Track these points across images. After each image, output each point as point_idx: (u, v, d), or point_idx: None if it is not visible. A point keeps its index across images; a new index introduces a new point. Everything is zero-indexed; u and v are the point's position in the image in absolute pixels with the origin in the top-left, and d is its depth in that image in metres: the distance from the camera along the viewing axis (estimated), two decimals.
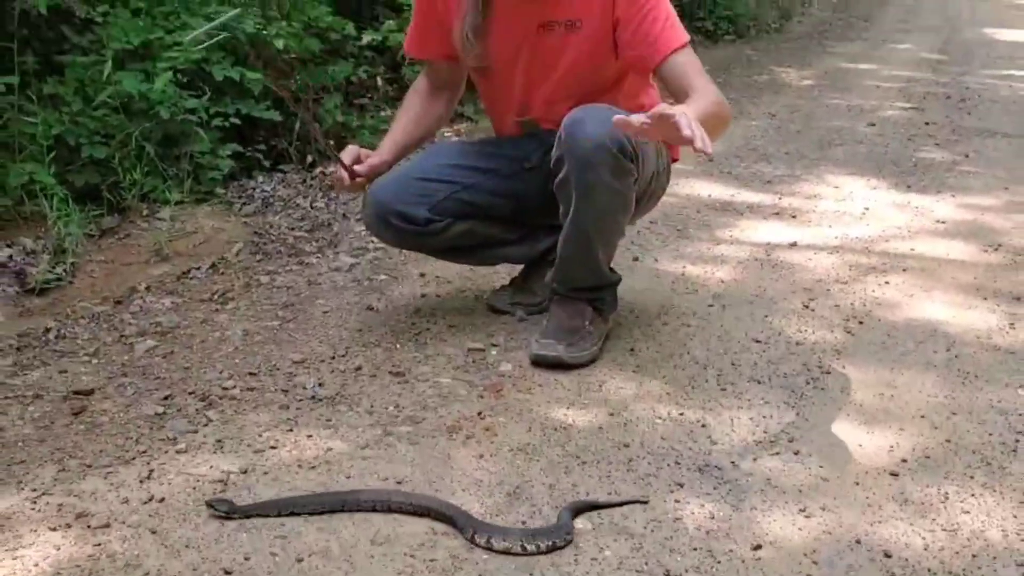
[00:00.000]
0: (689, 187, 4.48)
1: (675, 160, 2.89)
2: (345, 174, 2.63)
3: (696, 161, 4.93)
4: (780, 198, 4.37)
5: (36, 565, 1.76)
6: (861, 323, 2.98)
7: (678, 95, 2.47)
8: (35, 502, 1.94)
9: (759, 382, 2.57)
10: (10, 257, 3.48)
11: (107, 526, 1.85)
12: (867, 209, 4.19)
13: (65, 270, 3.40)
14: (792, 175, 4.79)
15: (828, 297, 3.19)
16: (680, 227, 3.92)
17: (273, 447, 2.16)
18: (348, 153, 2.67)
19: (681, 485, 2.08)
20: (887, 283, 3.30)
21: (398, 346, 2.72)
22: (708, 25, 9.61)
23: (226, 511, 1.88)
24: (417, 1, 2.76)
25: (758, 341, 2.84)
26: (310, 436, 2.22)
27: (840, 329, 2.93)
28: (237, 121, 4.36)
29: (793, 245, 3.70)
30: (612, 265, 2.77)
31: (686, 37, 2.53)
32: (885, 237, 3.80)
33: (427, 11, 2.72)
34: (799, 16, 12.41)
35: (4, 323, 3.05)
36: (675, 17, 2.54)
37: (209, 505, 1.89)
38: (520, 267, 3.01)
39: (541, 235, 2.89)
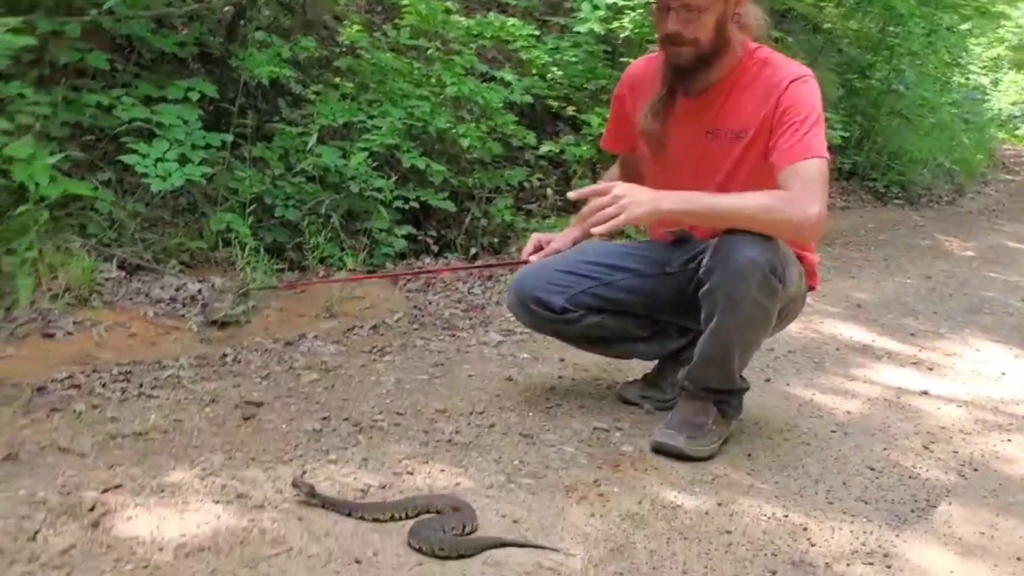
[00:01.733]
0: (833, 327, 4.60)
1: (812, 288, 3.05)
2: (532, 258, 2.96)
3: (845, 304, 5.07)
4: (920, 351, 4.45)
5: (198, 527, 2.04)
6: (976, 470, 3.04)
7: None
8: (203, 480, 2.24)
9: (866, 503, 2.68)
10: (200, 291, 3.89)
11: (261, 507, 2.13)
12: (1004, 374, 4.22)
13: (245, 311, 3.78)
14: (936, 332, 4.85)
15: (949, 443, 3.26)
16: (817, 360, 4.05)
17: (410, 473, 2.41)
18: (531, 241, 3.00)
19: (774, 573, 2.21)
20: (1009, 440, 3.35)
21: (530, 414, 2.95)
22: (879, 187, 9.69)
23: (306, 493, 2.16)
24: (612, 105, 3.12)
25: (872, 469, 2.94)
26: (442, 470, 2.46)
27: (954, 472, 3.00)
28: (416, 205, 4.75)
29: (924, 393, 3.78)
30: (743, 374, 2.93)
31: (818, 151, 2.63)
32: (1017, 401, 3.84)
33: (619, 112, 3.06)
34: (973, 193, 12.35)
35: (188, 345, 3.43)
36: (819, 131, 2.67)
37: (294, 484, 2.18)
38: (652, 364, 3.21)
39: (672, 335, 3.08)
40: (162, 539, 2.00)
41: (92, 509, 2.10)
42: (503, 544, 2.12)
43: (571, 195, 2.67)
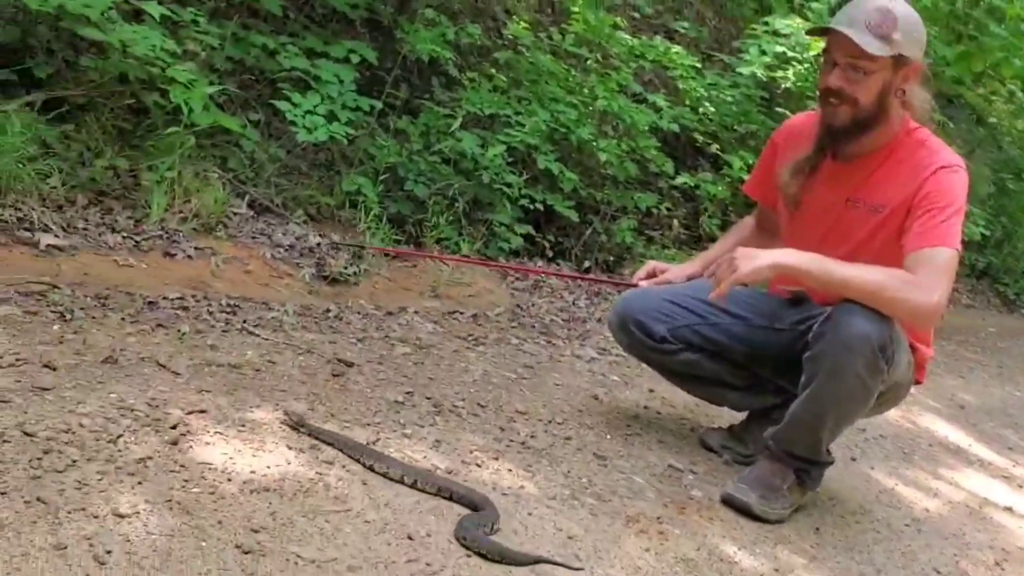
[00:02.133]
0: (931, 422, 4.47)
1: (919, 382, 2.97)
2: (642, 282, 2.95)
3: (948, 402, 4.92)
4: (1014, 465, 4.29)
5: (268, 468, 2.10)
6: None
7: None
8: (283, 424, 2.30)
9: None
10: (318, 245, 3.99)
11: (331, 463, 2.18)
12: None
13: (356, 272, 3.86)
14: None
15: (1022, 564, 3.14)
16: (907, 451, 3.94)
17: (477, 465, 2.43)
18: (647, 266, 2.99)
19: None
20: None
21: (608, 436, 2.95)
22: (1010, 293, 9.37)
23: (295, 422, 2.26)
24: (764, 151, 3.07)
25: (938, 572, 2.85)
26: (510, 470, 2.47)
27: None
28: (540, 207, 4.78)
29: (1008, 509, 3.64)
30: (830, 448, 2.87)
31: (949, 242, 2.57)
32: None
33: (769, 161, 3.01)
34: None
35: (296, 293, 3.52)
36: (957, 222, 2.60)
37: (285, 412, 2.29)
38: (740, 415, 3.17)
39: (767, 392, 3.04)
40: (233, 470, 2.06)
41: (175, 427, 2.18)
42: (540, 561, 2.12)
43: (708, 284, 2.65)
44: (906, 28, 2.58)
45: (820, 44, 2.99)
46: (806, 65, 5.66)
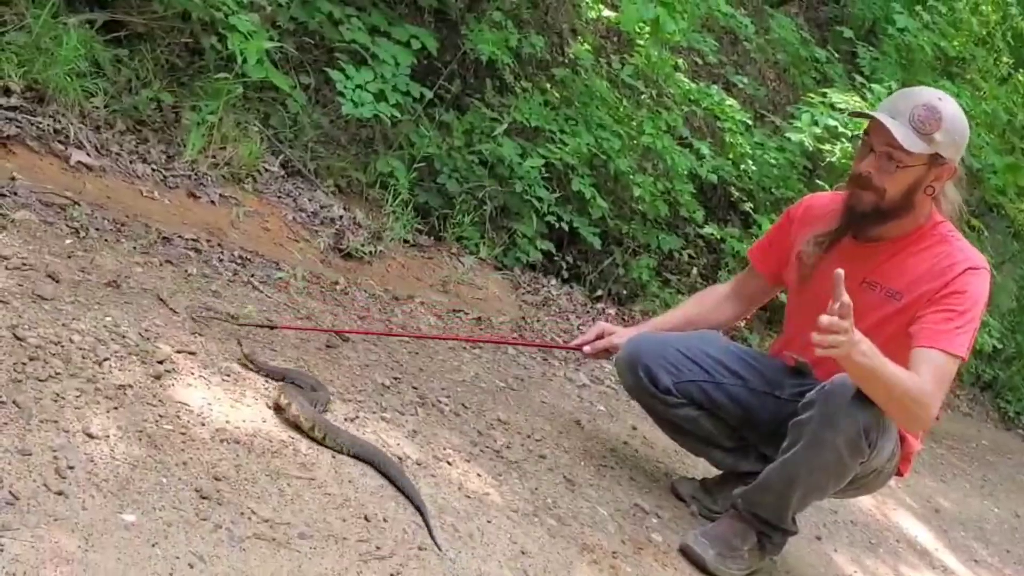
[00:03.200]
0: (903, 518, 4.45)
1: (901, 474, 2.96)
2: (587, 348, 2.97)
3: (925, 503, 4.90)
4: None
5: (243, 421, 2.11)
6: None
7: None
8: (267, 382, 2.32)
9: None
10: (340, 217, 4.01)
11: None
12: None
13: (372, 252, 3.88)
14: (1000, 570, 4.65)
15: None
16: (873, 542, 3.93)
17: (449, 463, 2.44)
18: (595, 329, 3.01)
19: None
20: None
21: (582, 463, 2.95)
22: (1010, 411, 9.29)
23: (245, 355, 2.40)
24: (779, 221, 3.06)
25: None
26: (479, 475, 2.48)
27: None
28: (565, 227, 4.79)
29: None
30: (796, 518, 2.87)
31: (960, 351, 2.57)
32: None
33: (781, 233, 2.99)
34: None
35: (308, 260, 3.54)
36: (968, 332, 2.60)
37: (239, 341, 2.44)
38: (715, 470, 3.17)
39: (750, 456, 3.02)
40: (208, 416, 2.08)
41: (161, 362, 2.20)
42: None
43: (822, 320, 2.38)
44: (949, 129, 2.57)
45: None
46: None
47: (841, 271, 2.32)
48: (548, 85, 5.06)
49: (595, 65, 5.31)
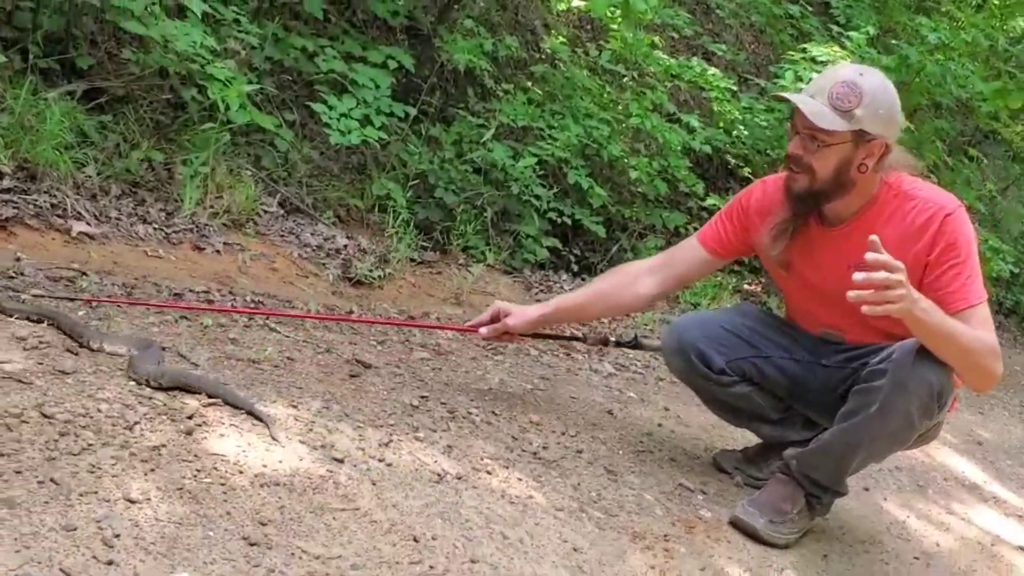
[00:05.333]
0: (947, 456, 4.44)
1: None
2: (483, 331, 2.88)
3: (966, 438, 4.88)
4: None
5: (280, 462, 2.12)
6: None
7: None
8: (297, 419, 2.33)
9: None
10: (345, 247, 4.03)
11: (341, 462, 2.20)
12: None
13: (381, 275, 3.90)
14: None
15: None
16: (921, 484, 3.92)
17: (488, 472, 2.45)
18: (491, 310, 2.90)
19: None
20: None
21: (620, 452, 2.95)
22: None
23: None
24: (731, 208, 2.92)
25: None
26: (520, 479, 2.48)
27: None
28: (568, 221, 4.80)
29: (1021, 548, 3.61)
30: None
31: (983, 296, 2.59)
32: None
33: (735, 224, 2.88)
34: None
35: (320, 293, 3.56)
36: (978, 274, 2.61)
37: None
38: (755, 439, 3.16)
39: (796, 426, 2.99)
40: (245, 463, 2.09)
41: (190, 417, 2.21)
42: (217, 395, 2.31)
43: (868, 257, 2.31)
44: (872, 104, 2.51)
45: None
46: None
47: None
48: (529, 83, 5.08)
49: (572, 56, 5.32)
